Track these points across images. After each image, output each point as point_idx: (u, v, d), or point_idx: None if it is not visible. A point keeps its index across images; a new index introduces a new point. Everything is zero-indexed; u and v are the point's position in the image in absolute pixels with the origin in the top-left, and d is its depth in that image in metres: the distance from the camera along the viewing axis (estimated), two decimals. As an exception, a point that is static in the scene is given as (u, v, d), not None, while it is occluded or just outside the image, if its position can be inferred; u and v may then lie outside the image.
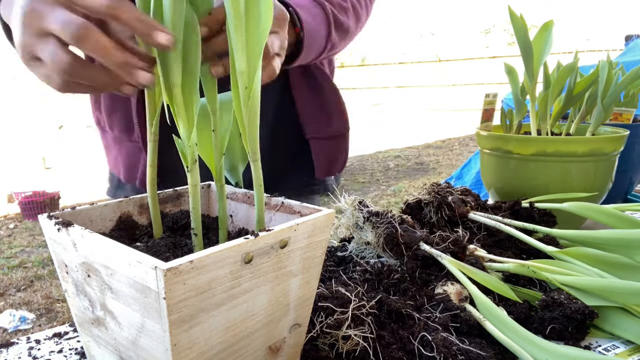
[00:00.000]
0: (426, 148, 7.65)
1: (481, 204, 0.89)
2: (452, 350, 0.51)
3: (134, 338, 0.40)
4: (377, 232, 0.71)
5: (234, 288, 0.39)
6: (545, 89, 0.99)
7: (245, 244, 0.39)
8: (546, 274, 0.65)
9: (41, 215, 0.45)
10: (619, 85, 0.98)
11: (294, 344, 0.50)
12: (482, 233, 0.81)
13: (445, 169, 6.04)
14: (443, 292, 0.63)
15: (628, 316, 0.60)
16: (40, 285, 3.05)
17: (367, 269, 0.68)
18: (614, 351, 0.57)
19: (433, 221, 0.83)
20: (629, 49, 2.96)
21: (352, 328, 0.52)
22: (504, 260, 0.70)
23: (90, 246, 0.40)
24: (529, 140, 0.93)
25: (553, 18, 0.98)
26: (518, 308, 0.63)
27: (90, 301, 0.44)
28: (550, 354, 0.53)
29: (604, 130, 1.05)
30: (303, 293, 0.48)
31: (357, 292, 0.56)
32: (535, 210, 0.84)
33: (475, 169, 3.14)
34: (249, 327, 0.43)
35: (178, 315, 0.36)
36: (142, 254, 0.36)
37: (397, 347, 0.54)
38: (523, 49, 0.94)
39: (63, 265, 0.45)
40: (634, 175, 1.18)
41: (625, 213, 0.75)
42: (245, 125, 0.44)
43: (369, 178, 5.83)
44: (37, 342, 0.60)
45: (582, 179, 0.92)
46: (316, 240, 0.47)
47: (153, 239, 0.51)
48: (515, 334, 0.56)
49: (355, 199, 0.76)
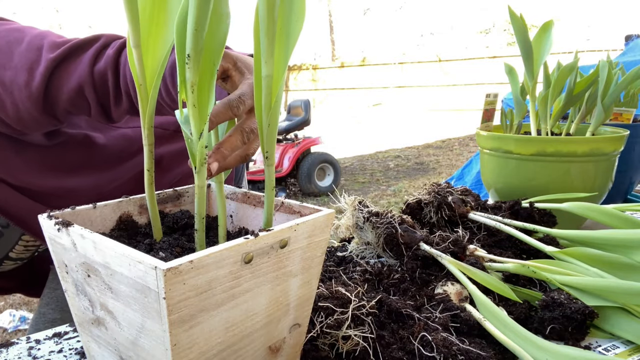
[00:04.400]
0: (426, 148, 7.65)
1: (481, 204, 0.89)
2: (452, 350, 0.51)
3: (134, 338, 0.40)
4: (377, 232, 0.71)
5: (234, 288, 0.39)
6: (545, 89, 0.99)
7: (245, 244, 0.39)
8: (546, 274, 0.65)
9: (41, 215, 0.45)
10: (619, 85, 0.98)
11: (294, 344, 0.50)
12: (482, 233, 0.81)
13: (445, 169, 6.04)
14: (443, 292, 0.63)
15: (628, 316, 0.60)
16: (41, 285, 3.05)
17: (367, 269, 0.68)
18: (614, 351, 0.57)
19: (433, 221, 0.83)
20: (629, 49, 2.95)
21: (352, 328, 0.52)
22: (504, 260, 0.70)
23: (90, 246, 0.40)
24: (529, 140, 0.93)
25: (553, 18, 0.98)
26: (518, 308, 0.63)
27: (90, 301, 0.44)
28: (550, 354, 0.53)
29: (604, 130, 1.05)
30: (303, 293, 0.48)
31: (357, 292, 0.56)
32: (535, 210, 0.84)
33: (475, 169, 3.13)
34: (249, 327, 0.43)
35: (178, 315, 0.35)
36: (142, 254, 0.36)
37: (397, 347, 0.54)
38: (523, 49, 0.94)
39: (63, 265, 0.45)
40: (634, 175, 1.18)
41: (625, 213, 0.75)
42: (265, 130, 0.44)
43: (369, 178, 5.83)
44: (37, 342, 0.60)
45: (582, 179, 0.92)
46: (316, 240, 0.47)
47: (153, 239, 0.51)
48: (515, 334, 0.56)
49: (355, 199, 0.76)
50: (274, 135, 0.45)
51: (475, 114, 9.04)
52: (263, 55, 0.41)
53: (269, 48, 0.40)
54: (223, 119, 0.48)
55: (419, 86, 13.65)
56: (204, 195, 0.46)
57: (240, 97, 0.49)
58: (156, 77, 0.47)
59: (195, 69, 0.41)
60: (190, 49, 0.40)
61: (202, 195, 0.45)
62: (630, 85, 1.20)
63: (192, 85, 0.41)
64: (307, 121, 5.26)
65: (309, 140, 5.20)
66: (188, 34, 0.39)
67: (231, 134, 0.49)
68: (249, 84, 0.52)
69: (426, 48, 18.26)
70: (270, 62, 0.41)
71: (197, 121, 0.43)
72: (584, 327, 0.59)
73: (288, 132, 5.24)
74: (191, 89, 0.41)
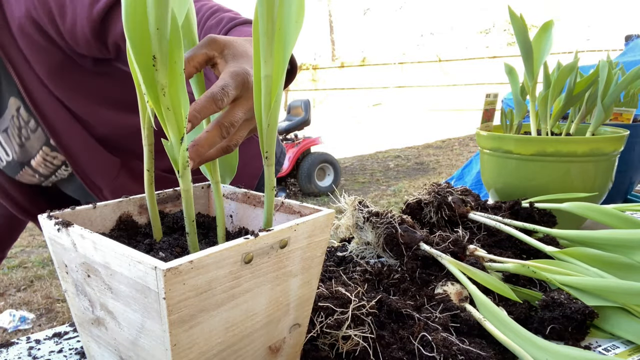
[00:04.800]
0: (426, 148, 7.65)
1: (481, 204, 0.89)
2: (452, 350, 0.51)
3: (134, 338, 0.40)
4: (377, 232, 0.71)
5: (233, 288, 0.39)
6: (545, 89, 0.99)
7: (245, 244, 0.39)
8: (546, 274, 0.65)
9: (41, 215, 0.45)
10: (619, 85, 0.98)
11: (294, 344, 0.50)
12: (482, 233, 0.81)
13: (445, 169, 6.04)
14: (443, 292, 0.63)
15: (628, 316, 0.60)
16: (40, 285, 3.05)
17: (367, 269, 0.68)
18: (614, 351, 0.57)
19: (433, 221, 0.83)
20: (629, 49, 2.95)
21: (352, 328, 0.52)
22: (504, 260, 0.70)
23: (90, 246, 0.40)
24: (529, 140, 0.93)
25: (553, 18, 0.98)
26: (518, 308, 0.63)
27: (90, 301, 0.44)
28: (550, 354, 0.53)
29: (604, 130, 1.05)
30: (303, 293, 0.48)
31: (357, 292, 0.56)
32: (535, 210, 0.84)
33: (475, 169, 3.13)
34: (249, 327, 0.43)
35: (178, 316, 0.35)
36: (142, 254, 0.36)
37: (397, 347, 0.54)
38: (523, 49, 0.94)
39: (63, 265, 0.45)
40: (634, 175, 1.18)
41: (625, 213, 0.75)
42: (265, 131, 0.44)
43: (369, 178, 5.83)
44: (37, 342, 0.60)
45: (582, 179, 0.92)
46: (316, 240, 0.47)
47: (153, 239, 0.51)
48: (515, 334, 0.56)
49: (355, 199, 0.76)
50: (274, 135, 0.44)
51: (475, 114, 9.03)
52: (262, 55, 0.41)
53: (268, 48, 0.40)
54: (207, 113, 0.45)
55: (419, 86, 13.65)
56: (191, 199, 0.45)
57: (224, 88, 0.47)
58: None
59: (164, 70, 0.39)
60: (155, 50, 0.38)
61: (189, 198, 0.45)
62: (630, 85, 1.20)
63: (163, 88, 0.39)
64: (307, 121, 5.26)
65: (309, 140, 5.20)
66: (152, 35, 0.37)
67: (209, 129, 0.46)
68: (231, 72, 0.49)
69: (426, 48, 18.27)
70: (269, 62, 0.41)
71: (174, 125, 0.41)
72: (584, 327, 0.59)
73: (288, 132, 5.24)
74: (162, 91, 0.39)
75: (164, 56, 0.38)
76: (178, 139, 0.41)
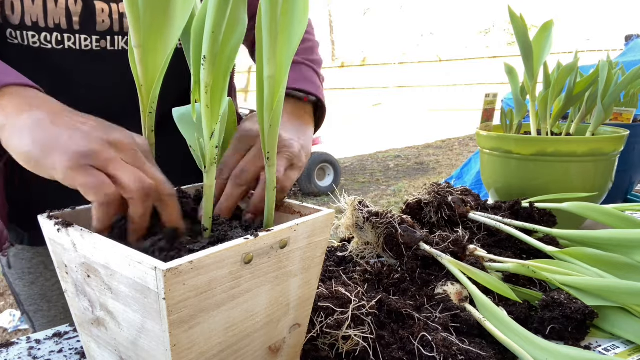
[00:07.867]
0: (426, 148, 7.65)
1: (481, 204, 0.89)
2: (452, 350, 0.51)
3: (134, 338, 0.40)
4: (377, 232, 0.71)
5: (233, 288, 0.39)
6: (545, 89, 0.99)
7: (245, 244, 0.39)
8: (546, 274, 0.65)
9: (41, 216, 0.45)
10: (619, 85, 0.98)
11: (294, 344, 0.50)
12: (482, 233, 0.81)
13: (445, 169, 6.04)
14: (443, 292, 0.63)
15: (628, 316, 0.60)
16: (41, 285, 3.04)
17: (367, 269, 0.68)
18: (614, 351, 0.57)
19: (433, 221, 0.83)
20: (629, 49, 2.96)
21: (352, 328, 0.52)
22: (504, 260, 0.70)
23: (90, 246, 0.40)
24: (529, 140, 0.93)
25: (553, 18, 0.98)
26: (518, 308, 0.63)
27: (90, 301, 0.44)
28: (550, 354, 0.53)
29: (604, 130, 1.05)
30: (303, 293, 0.48)
31: (357, 292, 0.56)
32: (535, 210, 0.84)
33: (475, 169, 3.14)
34: (249, 327, 0.43)
35: (178, 316, 0.36)
36: (141, 254, 0.36)
37: (397, 347, 0.54)
38: (523, 49, 0.94)
39: (63, 265, 0.45)
40: (634, 175, 1.18)
41: (625, 213, 0.75)
42: (266, 132, 0.44)
43: (369, 178, 5.83)
44: (37, 342, 0.60)
45: (582, 179, 0.92)
46: (316, 241, 0.47)
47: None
48: (515, 334, 0.56)
49: (355, 199, 0.76)
50: (275, 135, 0.45)
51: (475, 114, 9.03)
52: (265, 55, 0.41)
53: (271, 48, 0.40)
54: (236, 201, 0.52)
55: (419, 86, 13.64)
56: (212, 195, 0.46)
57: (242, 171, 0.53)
58: (157, 78, 0.47)
59: (210, 70, 0.41)
60: (206, 51, 0.40)
61: (210, 194, 0.46)
62: (630, 85, 1.20)
63: (207, 86, 0.42)
64: (307, 121, 5.25)
65: (309, 140, 5.18)
66: (205, 36, 0.40)
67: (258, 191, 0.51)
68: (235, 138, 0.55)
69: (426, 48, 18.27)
70: (272, 62, 0.41)
71: (209, 121, 0.43)
72: (584, 327, 0.59)
73: (288, 132, 5.23)
74: (205, 89, 0.42)
75: (213, 57, 0.41)
76: (209, 134, 0.43)
